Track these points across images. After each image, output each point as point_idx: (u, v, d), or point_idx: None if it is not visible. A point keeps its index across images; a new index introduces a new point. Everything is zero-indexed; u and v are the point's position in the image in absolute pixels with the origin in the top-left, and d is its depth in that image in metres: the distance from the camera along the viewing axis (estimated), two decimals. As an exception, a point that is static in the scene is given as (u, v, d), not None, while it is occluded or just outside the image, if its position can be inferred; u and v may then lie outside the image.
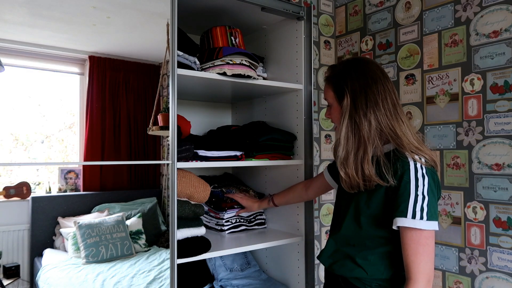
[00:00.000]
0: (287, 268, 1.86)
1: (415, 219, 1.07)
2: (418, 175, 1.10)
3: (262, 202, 1.80)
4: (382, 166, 1.13)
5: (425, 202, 1.09)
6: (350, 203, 1.25)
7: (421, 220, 1.07)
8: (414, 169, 1.11)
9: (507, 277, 1.68)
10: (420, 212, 1.08)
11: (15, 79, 1.39)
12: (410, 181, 1.10)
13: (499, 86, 1.71)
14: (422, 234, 1.08)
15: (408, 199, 1.09)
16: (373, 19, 2.26)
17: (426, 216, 1.07)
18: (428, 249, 1.09)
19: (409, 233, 1.09)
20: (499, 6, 1.72)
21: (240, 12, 1.74)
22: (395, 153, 1.15)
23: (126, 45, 1.61)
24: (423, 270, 1.08)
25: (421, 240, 1.08)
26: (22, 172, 1.48)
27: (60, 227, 1.56)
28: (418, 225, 1.07)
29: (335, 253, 1.28)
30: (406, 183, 1.10)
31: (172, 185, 1.38)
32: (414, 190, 1.09)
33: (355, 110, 1.19)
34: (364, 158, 1.16)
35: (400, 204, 1.09)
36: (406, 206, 1.08)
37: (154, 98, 1.58)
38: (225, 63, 1.52)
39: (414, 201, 1.08)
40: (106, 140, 1.61)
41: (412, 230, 1.08)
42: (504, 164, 1.70)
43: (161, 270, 1.58)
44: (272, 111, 1.97)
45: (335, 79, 1.27)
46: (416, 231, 1.08)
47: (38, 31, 1.39)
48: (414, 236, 1.08)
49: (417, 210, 1.08)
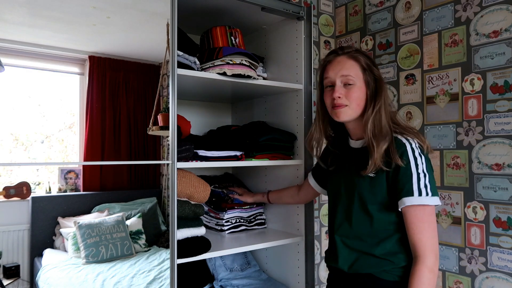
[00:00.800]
0: (287, 268, 1.86)
1: (422, 196, 1.12)
2: (415, 154, 1.15)
3: (257, 195, 1.87)
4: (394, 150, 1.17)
5: (426, 179, 1.14)
6: (353, 197, 1.25)
7: (427, 196, 1.12)
8: (411, 149, 1.16)
9: (507, 277, 1.68)
10: (425, 189, 1.13)
11: (15, 79, 1.39)
12: (410, 161, 1.14)
13: (499, 86, 1.71)
14: (425, 211, 1.13)
15: (411, 179, 1.13)
16: (373, 19, 2.26)
17: (430, 192, 1.13)
18: (432, 225, 1.14)
19: (413, 211, 1.13)
20: (499, 6, 1.72)
21: (240, 12, 1.74)
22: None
23: (126, 45, 1.61)
24: (430, 246, 1.13)
25: (424, 217, 1.13)
26: (22, 172, 1.48)
27: (60, 227, 1.56)
28: (426, 201, 1.12)
29: (350, 254, 1.26)
30: (406, 164, 1.14)
31: (172, 185, 1.38)
32: (415, 169, 1.14)
33: (384, 98, 1.24)
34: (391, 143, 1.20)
35: (405, 184, 1.14)
36: (410, 185, 1.13)
37: (154, 98, 1.58)
38: (225, 63, 1.52)
39: (417, 180, 1.13)
40: (106, 140, 1.61)
41: (417, 207, 1.13)
42: (504, 164, 1.70)
43: (161, 270, 1.58)
44: (272, 111, 1.97)
45: (365, 59, 1.26)
46: (420, 208, 1.13)
47: (38, 31, 1.39)
48: (418, 213, 1.13)
49: (421, 188, 1.12)
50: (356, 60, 1.26)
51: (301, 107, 1.79)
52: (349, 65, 1.25)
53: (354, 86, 1.24)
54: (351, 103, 1.24)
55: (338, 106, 1.25)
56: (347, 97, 1.24)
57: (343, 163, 1.36)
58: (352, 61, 1.25)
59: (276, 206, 1.93)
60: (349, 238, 1.27)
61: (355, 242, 1.25)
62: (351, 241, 1.26)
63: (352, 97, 1.24)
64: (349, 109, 1.25)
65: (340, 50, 1.29)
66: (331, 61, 1.28)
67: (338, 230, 1.31)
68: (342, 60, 1.26)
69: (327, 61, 1.30)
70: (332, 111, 1.29)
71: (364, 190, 1.22)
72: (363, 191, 1.22)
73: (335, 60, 1.27)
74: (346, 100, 1.25)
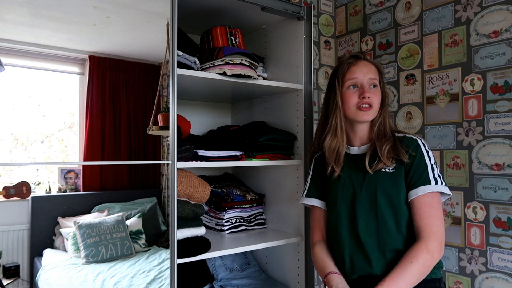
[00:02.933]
0: (287, 268, 1.86)
1: (438, 184, 1.19)
2: (426, 148, 1.25)
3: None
4: (399, 147, 1.24)
5: (437, 170, 1.22)
6: (375, 199, 1.23)
7: (442, 185, 1.20)
8: (422, 144, 1.25)
9: (507, 277, 1.68)
10: (439, 178, 1.21)
11: (15, 79, 1.39)
12: (424, 153, 1.23)
13: (499, 86, 1.71)
14: (435, 198, 1.19)
15: (426, 169, 1.21)
16: (373, 19, 2.26)
17: (443, 182, 1.21)
18: (440, 213, 1.19)
19: (426, 198, 1.18)
20: (499, 6, 1.72)
21: (240, 12, 1.74)
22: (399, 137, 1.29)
23: (126, 45, 1.61)
24: (436, 231, 1.16)
25: (433, 203, 1.18)
26: (22, 172, 1.48)
27: (60, 227, 1.56)
28: (442, 189, 1.19)
29: (383, 255, 1.21)
30: (420, 155, 1.22)
31: (172, 185, 1.38)
32: (429, 161, 1.22)
33: (387, 102, 1.35)
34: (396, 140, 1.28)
35: (421, 174, 1.20)
36: (427, 175, 1.20)
37: (154, 98, 1.58)
38: (225, 63, 1.52)
39: (432, 170, 1.21)
40: (106, 140, 1.61)
41: (430, 194, 1.19)
42: (504, 164, 1.69)
43: (161, 270, 1.58)
44: (272, 111, 1.97)
45: (379, 67, 1.36)
46: (433, 195, 1.19)
47: (38, 31, 1.39)
48: (429, 200, 1.18)
49: (436, 177, 1.20)
50: (376, 66, 1.34)
51: (301, 107, 1.79)
52: (373, 69, 1.32)
53: (378, 88, 1.32)
54: (375, 104, 1.29)
55: (369, 105, 1.28)
56: (372, 98, 1.29)
57: (346, 167, 1.33)
58: (373, 66, 1.33)
59: (276, 206, 1.93)
60: (379, 238, 1.22)
61: (386, 241, 1.21)
62: (382, 241, 1.22)
63: (376, 99, 1.30)
64: (373, 110, 1.29)
65: (362, 54, 1.35)
66: (356, 63, 1.32)
67: (364, 231, 1.24)
68: (367, 64, 1.32)
69: (351, 63, 1.32)
70: (358, 112, 1.29)
71: (387, 188, 1.23)
72: (387, 190, 1.23)
73: (360, 63, 1.32)
74: (371, 100, 1.29)
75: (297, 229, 1.80)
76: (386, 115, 1.32)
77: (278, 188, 1.92)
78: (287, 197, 1.86)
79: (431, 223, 1.16)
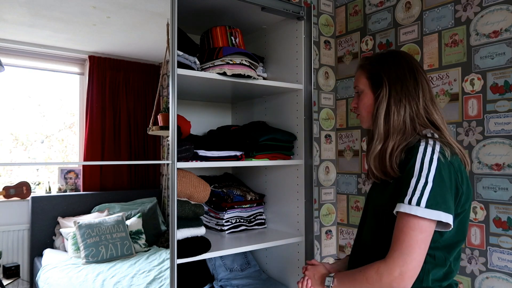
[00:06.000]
0: (287, 268, 1.86)
1: (411, 204, 0.97)
2: (425, 159, 1.01)
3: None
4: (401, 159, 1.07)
5: (427, 188, 0.98)
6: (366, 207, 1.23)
7: (418, 206, 0.96)
8: (422, 153, 1.02)
9: (507, 277, 1.68)
10: (418, 198, 0.97)
11: (15, 79, 1.39)
12: (415, 164, 1.01)
13: (499, 86, 1.71)
14: (418, 223, 0.97)
15: (409, 184, 1.00)
16: (373, 19, 2.26)
17: (424, 203, 0.96)
18: (420, 240, 0.96)
19: (405, 218, 0.99)
20: (499, 6, 1.72)
21: (240, 12, 1.74)
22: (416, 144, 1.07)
23: (126, 45, 1.61)
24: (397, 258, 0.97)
25: (415, 227, 0.97)
26: (22, 172, 1.48)
27: (60, 227, 1.56)
28: (414, 211, 0.96)
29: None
30: (410, 168, 1.02)
31: (172, 185, 1.38)
32: (417, 174, 1.00)
33: (391, 100, 1.12)
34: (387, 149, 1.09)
35: (402, 189, 1.01)
36: (406, 190, 1.00)
37: (154, 98, 1.58)
38: (225, 63, 1.52)
39: (415, 186, 0.99)
40: (106, 140, 1.61)
41: (409, 217, 0.98)
42: (504, 164, 1.69)
43: (161, 270, 1.58)
44: (272, 111, 1.97)
45: (372, 66, 1.20)
46: (413, 219, 0.97)
47: (38, 31, 1.39)
48: (411, 222, 0.98)
49: (414, 195, 0.98)
50: (364, 68, 1.25)
51: (301, 107, 1.79)
52: (358, 75, 1.25)
53: (362, 93, 1.23)
54: (361, 111, 1.24)
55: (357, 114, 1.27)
56: (358, 105, 1.25)
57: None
58: (360, 71, 1.25)
59: (276, 206, 1.93)
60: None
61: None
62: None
63: (360, 105, 1.24)
64: (362, 117, 1.24)
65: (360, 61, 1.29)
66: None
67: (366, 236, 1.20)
68: (357, 71, 1.27)
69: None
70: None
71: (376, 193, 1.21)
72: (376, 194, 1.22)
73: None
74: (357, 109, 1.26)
75: (297, 229, 1.80)
76: (378, 121, 1.14)
77: (278, 188, 1.92)
78: (287, 197, 1.86)
79: (403, 246, 0.98)
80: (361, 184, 2.32)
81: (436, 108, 1.15)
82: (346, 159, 2.41)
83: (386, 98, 1.13)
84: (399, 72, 1.14)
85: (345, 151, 2.41)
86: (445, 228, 1.01)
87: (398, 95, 1.12)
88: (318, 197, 2.38)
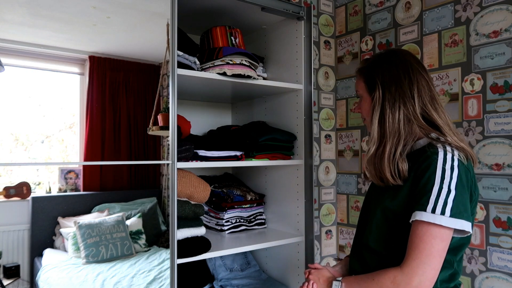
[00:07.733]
0: (287, 268, 1.86)
1: (435, 213, 0.94)
2: (446, 166, 0.98)
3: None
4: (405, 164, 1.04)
5: (450, 196, 0.95)
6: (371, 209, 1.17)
7: (442, 215, 0.94)
8: (442, 160, 0.99)
9: (507, 277, 1.68)
10: (442, 206, 0.95)
11: (15, 79, 1.39)
12: (436, 171, 0.98)
13: (499, 86, 1.71)
14: (440, 232, 0.95)
15: (431, 191, 0.97)
16: (373, 19, 2.26)
17: (449, 212, 0.94)
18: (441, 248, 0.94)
19: (425, 226, 0.95)
20: (499, 6, 1.72)
21: (240, 12, 1.74)
22: (425, 148, 1.05)
23: (126, 45, 1.61)
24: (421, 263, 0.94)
25: (437, 235, 0.95)
26: (22, 172, 1.48)
27: (60, 227, 1.56)
28: (438, 221, 0.94)
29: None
30: (431, 174, 0.98)
31: (172, 185, 1.38)
32: (439, 182, 0.97)
33: (385, 102, 1.10)
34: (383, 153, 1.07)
35: (422, 197, 0.97)
36: (428, 198, 0.96)
37: (154, 98, 1.58)
38: (225, 63, 1.52)
39: (437, 194, 0.96)
40: (106, 140, 1.61)
41: (430, 225, 0.95)
42: (504, 164, 1.70)
43: (161, 270, 1.58)
44: (272, 111, 1.97)
45: (367, 70, 1.18)
46: (434, 227, 0.95)
47: (38, 31, 1.39)
48: (432, 231, 0.95)
49: (438, 204, 0.95)
50: (361, 73, 1.23)
51: (301, 107, 1.79)
52: (357, 80, 1.24)
53: (362, 98, 1.23)
54: (364, 115, 1.23)
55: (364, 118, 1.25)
56: (360, 110, 1.24)
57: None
58: (358, 76, 1.24)
59: (276, 206, 1.93)
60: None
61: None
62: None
63: (362, 110, 1.23)
64: (367, 122, 1.22)
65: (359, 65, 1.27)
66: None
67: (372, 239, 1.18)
68: (356, 76, 1.26)
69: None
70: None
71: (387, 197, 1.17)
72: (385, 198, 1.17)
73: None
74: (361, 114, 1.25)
75: (297, 229, 1.80)
76: (373, 125, 1.12)
77: (278, 188, 1.92)
78: (287, 197, 1.86)
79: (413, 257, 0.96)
80: (361, 184, 2.32)
81: (438, 107, 1.11)
82: (346, 159, 2.41)
83: (380, 102, 1.11)
84: (393, 73, 1.12)
85: (345, 151, 2.41)
86: (461, 234, 0.99)
87: (392, 97, 1.10)
88: (318, 197, 2.38)
